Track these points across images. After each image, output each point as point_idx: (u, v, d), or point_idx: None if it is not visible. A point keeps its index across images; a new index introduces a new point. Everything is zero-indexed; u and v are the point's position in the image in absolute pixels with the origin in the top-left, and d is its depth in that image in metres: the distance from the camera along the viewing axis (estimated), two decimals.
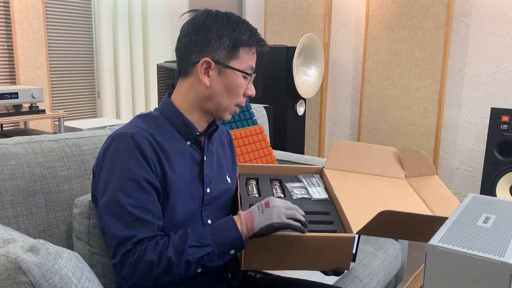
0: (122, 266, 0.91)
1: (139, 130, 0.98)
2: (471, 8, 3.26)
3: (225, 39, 1.01)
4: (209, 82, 1.02)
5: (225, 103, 1.05)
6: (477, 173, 3.39)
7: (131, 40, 3.78)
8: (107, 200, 0.94)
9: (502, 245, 0.64)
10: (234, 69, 1.02)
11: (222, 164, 1.16)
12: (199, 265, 0.92)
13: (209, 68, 1.02)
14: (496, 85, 3.24)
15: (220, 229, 0.94)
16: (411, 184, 1.28)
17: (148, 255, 0.90)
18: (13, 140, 1.17)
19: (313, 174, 1.33)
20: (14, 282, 0.73)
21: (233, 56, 1.02)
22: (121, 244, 0.92)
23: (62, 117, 2.84)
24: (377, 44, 3.63)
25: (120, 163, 0.94)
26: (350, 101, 3.98)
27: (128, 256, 0.91)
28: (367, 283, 1.47)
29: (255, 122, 1.98)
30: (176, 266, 0.91)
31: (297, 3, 3.98)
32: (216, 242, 0.92)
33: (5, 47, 3.05)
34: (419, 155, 1.30)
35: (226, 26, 1.01)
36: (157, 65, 2.48)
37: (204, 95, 1.04)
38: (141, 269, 0.90)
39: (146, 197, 0.95)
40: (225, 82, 1.02)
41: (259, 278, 1.24)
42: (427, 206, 1.14)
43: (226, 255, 0.94)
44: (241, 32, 1.02)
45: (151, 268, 0.90)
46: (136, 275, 0.90)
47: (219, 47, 1.01)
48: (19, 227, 1.11)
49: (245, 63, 1.04)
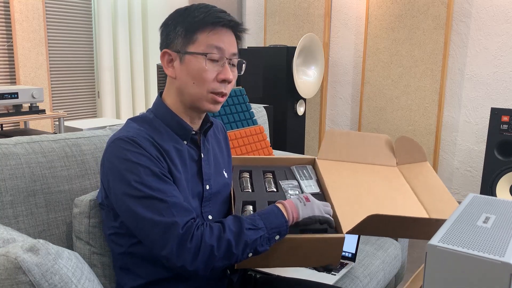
0: (180, 253, 0.87)
1: (138, 133, 0.98)
2: (471, 8, 3.26)
3: (179, 27, 1.00)
4: (174, 73, 1.02)
5: (195, 92, 1.00)
6: (477, 173, 3.39)
7: (131, 40, 3.78)
8: (134, 199, 0.91)
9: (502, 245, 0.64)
10: (191, 53, 0.99)
11: (219, 159, 1.17)
12: (252, 249, 0.93)
13: (172, 60, 1.02)
14: (496, 85, 3.24)
15: (269, 215, 0.96)
16: (403, 172, 1.28)
17: (207, 239, 0.89)
18: (13, 140, 1.17)
19: (305, 165, 1.33)
20: (14, 282, 0.73)
21: (190, 41, 0.99)
22: (168, 231, 0.88)
23: (62, 117, 2.84)
24: (377, 44, 3.63)
25: (132, 163, 0.93)
26: (350, 101, 3.98)
27: (186, 241, 0.88)
28: (367, 283, 1.47)
29: (255, 122, 1.98)
30: (235, 248, 0.90)
31: (297, 3, 3.98)
32: (266, 226, 0.94)
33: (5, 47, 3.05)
34: (411, 143, 1.31)
35: (181, 15, 1.01)
36: (157, 65, 2.48)
37: (177, 88, 1.03)
38: (202, 253, 0.88)
39: (170, 186, 0.94)
40: (188, 69, 1.00)
41: (259, 277, 1.24)
42: (418, 200, 1.15)
43: (272, 240, 0.95)
44: (194, 16, 0.99)
45: (212, 252, 0.89)
46: (198, 260, 0.88)
47: (175, 37, 1.01)
48: (19, 227, 1.11)
49: (205, 45, 0.98)
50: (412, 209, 1.10)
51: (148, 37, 3.90)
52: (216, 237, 0.90)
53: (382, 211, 1.07)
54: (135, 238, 1.00)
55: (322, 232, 1.01)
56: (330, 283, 1.35)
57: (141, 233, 0.92)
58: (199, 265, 0.89)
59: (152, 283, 1.02)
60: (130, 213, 0.92)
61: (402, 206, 1.11)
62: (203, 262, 0.89)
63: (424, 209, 1.11)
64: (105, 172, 0.97)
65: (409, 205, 1.12)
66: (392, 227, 0.97)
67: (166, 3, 3.97)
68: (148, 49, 3.92)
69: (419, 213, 1.08)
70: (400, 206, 1.11)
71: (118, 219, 1.01)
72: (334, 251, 1.00)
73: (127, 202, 0.92)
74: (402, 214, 0.98)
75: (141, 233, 0.92)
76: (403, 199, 1.15)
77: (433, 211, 1.09)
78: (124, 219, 0.96)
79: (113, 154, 0.95)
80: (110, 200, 0.99)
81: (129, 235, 1.01)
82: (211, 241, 0.89)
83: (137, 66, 3.84)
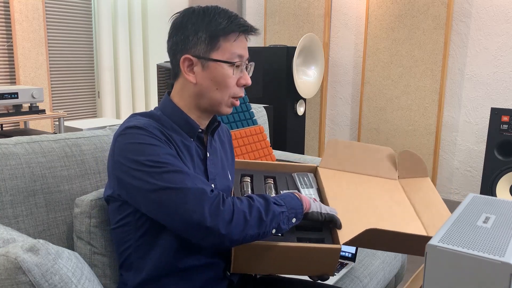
0: (214, 216, 0.87)
1: (148, 123, 0.98)
2: (471, 8, 3.26)
3: (202, 33, 1.00)
4: (195, 79, 1.02)
5: (217, 97, 1.03)
6: (477, 173, 3.39)
7: (131, 40, 3.78)
8: (156, 175, 0.90)
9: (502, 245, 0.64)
10: (216, 61, 1.00)
11: (224, 161, 1.18)
12: (277, 223, 0.95)
13: (192, 65, 1.02)
14: (496, 85, 3.24)
15: (287, 197, 1.00)
16: (403, 186, 1.29)
17: (238, 205, 0.90)
18: (13, 140, 1.17)
19: (307, 172, 1.34)
20: (14, 282, 0.74)
21: (213, 47, 1.00)
22: (200, 195, 0.88)
23: (62, 117, 2.84)
24: (377, 44, 3.63)
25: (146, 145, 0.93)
26: (350, 101, 3.98)
27: (219, 205, 0.88)
28: (367, 283, 1.47)
29: (255, 122, 1.98)
30: (265, 216, 0.92)
31: (297, 3, 3.98)
32: (287, 205, 0.98)
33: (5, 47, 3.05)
34: (414, 157, 1.31)
35: (202, 20, 1.01)
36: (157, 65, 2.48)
37: (195, 93, 1.04)
38: (237, 217, 0.89)
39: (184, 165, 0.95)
40: (211, 76, 1.01)
41: (259, 278, 1.24)
42: (417, 215, 1.15)
43: (290, 222, 0.98)
44: (218, 22, 1.00)
45: (245, 218, 0.90)
46: (233, 224, 0.88)
47: (197, 42, 1.00)
48: (19, 227, 1.12)
49: (229, 52, 1.01)
50: (410, 224, 1.10)
51: (148, 37, 3.90)
52: (247, 205, 0.92)
53: (381, 224, 1.08)
54: (141, 230, 1.00)
55: (319, 242, 1.01)
56: (330, 283, 1.35)
57: (167, 208, 0.89)
58: (233, 230, 0.88)
59: (155, 279, 1.02)
60: (152, 191, 0.90)
61: (401, 221, 1.11)
62: (237, 226, 0.89)
63: (422, 225, 1.11)
64: (116, 159, 0.96)
65: (407, 220, 1.12)
66: (389, 242, 0.97)
67: (166, 3, 3.97)
68: (148, 49, 3.92)
69: (417, 229, 1.08)
70: (399, 220, 1.11)
71: (127, 211, 1.01)
72: (330, 261, 1.00)
73: (148, 181, 0.90)
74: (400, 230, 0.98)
75: (167, 208, 0.89)
76: (402, 213, 1.15)
77: (431, 227, 1.09)
78: (144, 202, 0.93)
79: (126, 140, 0.94)
80: (121, 190, 0.98)
81: (136, 228, 1.01)
82: (242, 207, 0.91)
83: (137, 66, 3.84)
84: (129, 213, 1.01)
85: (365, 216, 1.10)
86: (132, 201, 0.96)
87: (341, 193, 1.19)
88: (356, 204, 1.15)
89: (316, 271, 1.02)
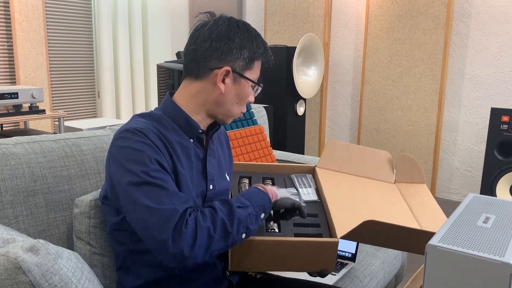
0: (177, 240, 0.87)
1: (146, 126, 0.99)
2: (471, 8, 3.26)
3: (245, 51, 1.04)
4: (224, 89, 1.04)
5: (234, 110, 1.08)
6: (477, 173, 3.39)
7: (131, 40, 3.78)
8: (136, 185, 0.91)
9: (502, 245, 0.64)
10: (248, 79, 1.06)
11: (222, 162, 1.18)
12: (245, 227, 0.95)
13: (226, 76, 1.04)
14: (496, 85, 3.24)
15: (252, 194, 1.00)
16: (400, 189, 1.29)
17: (202, 222, 0.90)
18: (13, 140, 1.17)
19: (305, 173, 1.34)
20: (14, 282, 0.74)
21: (249, 67, 1.06)
22: (168, 217, 0.88)
23: (62, 117, 2.84)
24: (377, 44, 3.63)
25: (137, 151, 0.94)
26: (350, 101, 3.98)
27: (182, 227, 0.88)
28: (367, 283, 1.47)
29: (255, 122, 1.98)
30: (230, 227, 0.92)
31: (297, 3, 3.98)
32: (252, 204, 0.98)
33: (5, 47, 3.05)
34: (412, 163, 1.32)
35: (247, 38, 1.05)
36: (157, 65, 2.48)
37: (215, 100, 1.06)
38: (200, 236, 0.88)
39: (169, 179, 0.96)
40: (238, 91, 1.06)
41: (259, 278, 1.24)
42: (413, 215, 1.15)
43: (258, 219, 0.98)
44: (259, 46, 1.07)
45: (209, 234, 0.90)
46: (197, 245, 0.88)
47: (239, 57, 1.04)
48: (19, 227, 1.11)
49: (255, 75, 1.09)
50: (407, 222, 1.10)
51: (148, 37, 3.90)
52: (210, 219, 0.91)
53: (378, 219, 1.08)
54: (136, 235, 1.01)
55: (317, 236, 1.01)
56: (330, 283, 1.35)
57: (138, 221, 0.91)
58: (197, 250, 0.88)
59: (153, 284, 1.03)
60: (130, 199, 0.92)
61: (397, 219, 1.12)
62: (202, 245, 0.89)
63: (419, 225, 1.11)
64: (110, 162, 0.98)
65: (404, 219, 1.13)
66: (386, 236, 0.97)
67: (166, 3, 3.97)
68: (148, 49, 3.92)
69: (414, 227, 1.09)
70: (396, 218, 1.12)
71: (121, 215, 1.01)
72: (329, 255, 1.00)
73: (128, 189, 0.92)
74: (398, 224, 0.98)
75: (138, 221, 0.91)
76: (398, 213, 1.15)
77: (427, 228, 1.09)
78: (124, 207, 0.95)
79: (120, 143, 0.96)
80: (114, 193, 1.00)
81: (131, 232, 1.01)
82: (206, 223, 0.90)
83: (137, 66, 3.84)
84: (124, 217, 1.01)
85: (362, 213, 1.11)
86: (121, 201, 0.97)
87: (339, 193, 1.20)
88: (353, 203, 1.16)
89: (315, 267, 1.02)
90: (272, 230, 1.05)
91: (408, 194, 1.25)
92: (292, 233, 1.04)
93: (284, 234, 1.03)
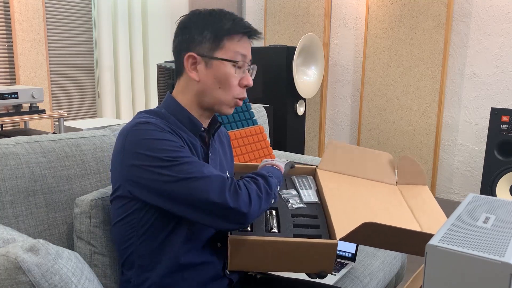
0: (236, 199, 0.94)
1: (156, 120, 1.00)
2: (471, 8, 3.26)
3: (207, 32, 1.03)
4: (198, 77, 1.04)
5: (220, 96, 1.06)
6: (477, 173, 3.39)
7: (131, 40, 3.78)
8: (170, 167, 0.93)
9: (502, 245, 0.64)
10: (219, 59, 1.03)
11: (223, 162, 1.19)
12: (274, 193, 1.04)
13: (196, 63, 1.04)
14: (496, 85, 3.24)
15: (271, 169, 1.10)
16: (401, 191, 1.29)
17: (249, 185, 0.98)
18: (13, 140, 1.17)
19: (306, 175, 1.34)
20: (14, 282, 0.74)
21: (217, 46, 1.03)
22: (221, 182, 0.94)
23: (62, 117, 2.84)
24: (377, 44, 3.63)
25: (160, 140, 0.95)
26: (350, 101, 3.98)
27: (237, 188, 0.95)
28: (367, 283, 1.47)
29: (255, 122, 1.98)
30: (270, 190, 1.01)
31: (297, 3, 3.98)
32: (274, 176, 1.07)
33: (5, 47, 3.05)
34: (413, 164, 1.32)
35: (207, 20, 1.04)
36: (157, 65, 2.48)
37: (198, 91, 1.06)
38: (253, 196, 0.96)
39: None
40: (214, 74, 1.04)
41: (259, 278, 1.24)
42: (414, 217, 1.15)
43: (277, 190, 1.08)
44: (223, 23, 1.03)
45: (258, 194, 0.98)
46: (252, 203, 0.95)
47: (202, 40, 1.03)
48: (19, 227, 1.12)
49: (232, 52, 1.04)
50: (408, 225, 1.10)
51: (148, 37, 3.90)
52: (254, 184, 1.00)
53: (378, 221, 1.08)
54: (144, 227, 1.01)
55: (316, 238, 1.01)
56: (330, 283, 1.35)
57: (191, 196, 0.92)
58: (253, 208, 0.95)
59: (157, 276, 1.03)
60: (173, 183, 0.92)
61: (398, 220, 1.11)
62: (255, 204, 0.96)
63: (420, 227, 1.11)
64: (128, 157, 0.96)
65: (404, 220, 1.12)
66: (386, 238, 0.97)
67: (166, 3, 3.97)
68: (148, 49, 3.92)
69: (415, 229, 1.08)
70: (396, 220, 1.12)
71: (133, 208, 1.00)
72: (327, 257, 1.00)
73: (168, 174, 0.92)
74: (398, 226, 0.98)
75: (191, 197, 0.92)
76: (399, 214, 1.15)
77: (428, 229, 1.09)
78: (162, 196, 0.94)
79: (139, 136, 0.95)
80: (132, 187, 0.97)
81: (139, 225, 1.01)
82: (252, 186, 0.98)
83: (137, 66, 3.84)
84: (134, 210, 1.00)
85: (362, 215, 1.11)
86: (145, 196, 0.96)
87: (339, 194, 1.20)
88: (353, 204, 1.16)
89: (314, 268, 1.02)
90: (272, 230, 1.05)
91: (410, 196, 1.25)
92: (292, 234, 1.04)
93: (283, 235, 1.03)
